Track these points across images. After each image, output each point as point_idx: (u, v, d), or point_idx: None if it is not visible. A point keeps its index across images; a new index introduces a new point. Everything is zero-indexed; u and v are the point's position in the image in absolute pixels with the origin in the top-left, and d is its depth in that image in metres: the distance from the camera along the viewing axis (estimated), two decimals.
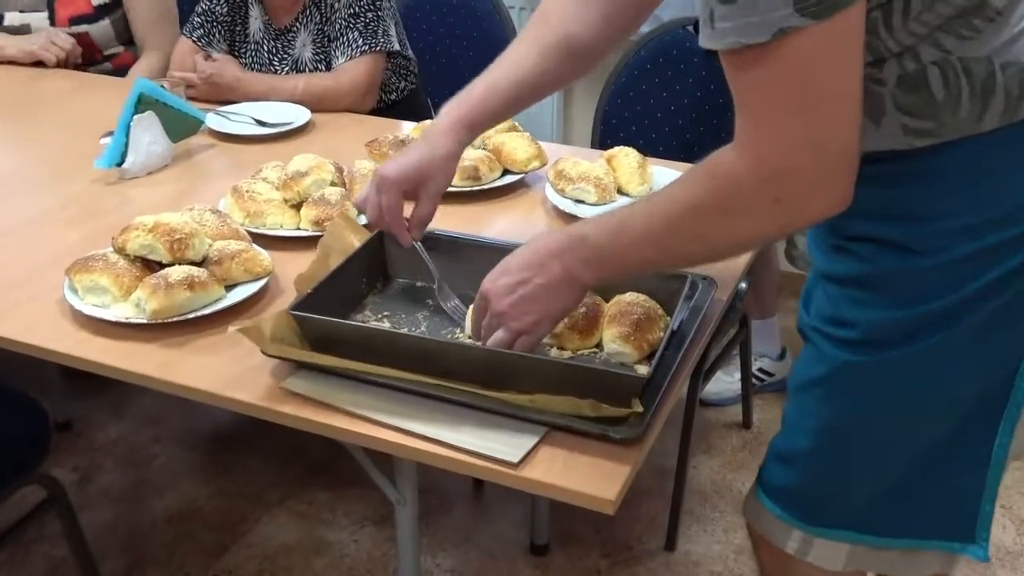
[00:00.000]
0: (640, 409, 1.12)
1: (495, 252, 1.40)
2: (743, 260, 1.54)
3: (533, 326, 1.16)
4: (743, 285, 1.82)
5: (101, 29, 2.65)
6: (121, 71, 2.66)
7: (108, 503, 2.29)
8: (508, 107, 1.40)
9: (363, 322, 1.35)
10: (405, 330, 1.33)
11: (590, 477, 1.07)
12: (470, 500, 2.31)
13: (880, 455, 1.15)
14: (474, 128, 1.40)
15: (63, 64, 2.57)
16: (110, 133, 1.96)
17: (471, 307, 1.25)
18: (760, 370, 2.67)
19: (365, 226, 1.47)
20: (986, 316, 1.04)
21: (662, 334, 1.24)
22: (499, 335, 1.17)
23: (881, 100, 1.00)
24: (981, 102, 0.96)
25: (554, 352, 1.28)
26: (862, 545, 1.20)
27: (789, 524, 1.23)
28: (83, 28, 2.63)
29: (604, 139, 2.49)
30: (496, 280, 1.17)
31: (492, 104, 1.39)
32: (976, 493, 1.15)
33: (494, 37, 2.72)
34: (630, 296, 1.31)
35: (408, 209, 1.40)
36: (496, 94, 1.38)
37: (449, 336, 1.32)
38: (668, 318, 1.29)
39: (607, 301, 1.32)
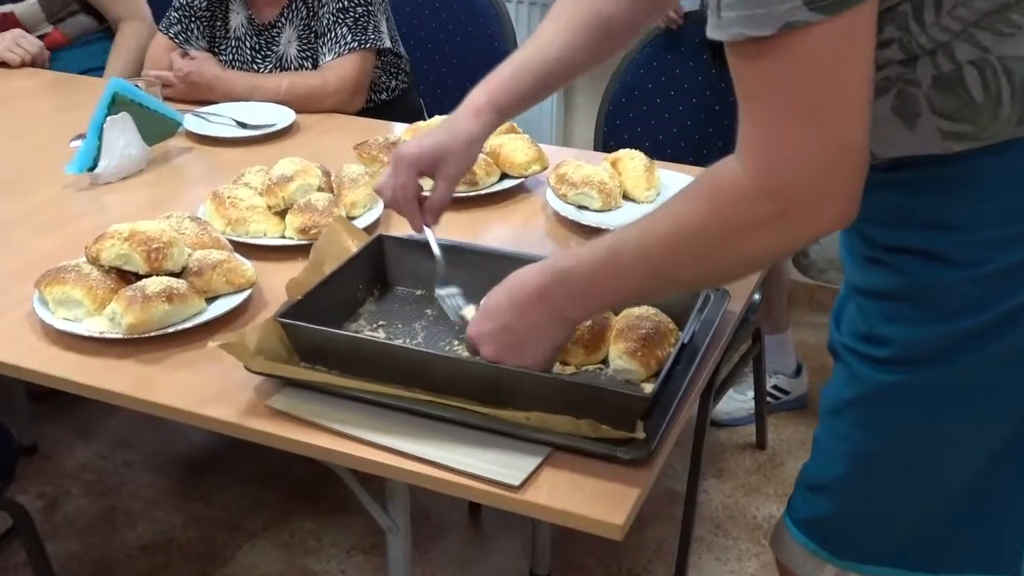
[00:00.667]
0: (642, 435, 1.12)
1: (495, 259, 1.43)
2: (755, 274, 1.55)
3: (531, 366, 1.17)
4: (757, 297, 1.83)
5: (28, 9, 2.65)
6: (54, 52, 2.66)
7: (76, 532, 2.28)
8: (538, 87, 1.40)
9: (357, 332, 1.36)
10: (400, 341, 1.34)
11: (596, 501, 1.08)
12: (466, 527, 2.31)
13: (919, 482, 1.14)
14: (502, 110, 1.39)
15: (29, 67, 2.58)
16: (81, 136, 1.97)
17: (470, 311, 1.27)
18: (775, 387, 2.68)
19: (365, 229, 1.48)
20: None
21: (672, 350, 1.25)
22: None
23: (915, 102, 1.00)
24: (1021, 105, 0.97)
25: (557, 367, 1.29)
26: None
27: (821, 558, 1.22)
28: (7, 8, 2.63)
29: (608, 141, 2.50)
30: (481, 326, 1.18)
31: (521, 84, 1.38)
32: (1021, 522, 1.14)
33: (491, 33, 2.74)
34: (640, 309, 1.32)
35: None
36: (525, 73, 1.38)
37: (447, 349, 1.33)
38: (679, 332, 1.30)
39: (616, 314, 1.32)
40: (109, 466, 2.49)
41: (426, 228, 1.40)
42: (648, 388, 1.23)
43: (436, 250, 1.39)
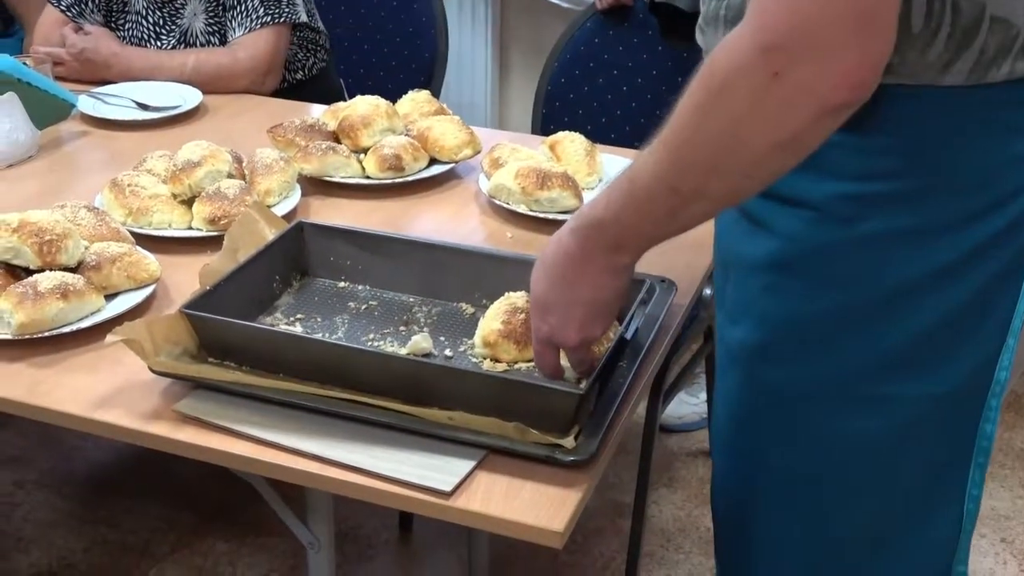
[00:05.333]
0: (571, 444, 1.14)
1: (424, 250, 1.44)
2: (706, 259, 1.58)
3: (599, 328, 1.18)
4: (708, 291, 1.86)
5: None
6: None
7: None
8: None
9: (272, 326, 1.37)
10: (319, 336, 1.35)
11: (535, 507, 1.10)
12: (395, 546, 2.32)
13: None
14: None
15: None
16: None
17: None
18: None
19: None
20: (935, 317, 1.06)
21: (607, 344, 1.27)
22: (572, 356, 1.20)
23: None
24: (954, 49, 0.99)
25: (487, 364, 1.31)
26: None
27: None
28: None
29: (546, 124, 2.52)
30: (545, 320, 1.17)
31: None
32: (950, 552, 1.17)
33: (416, 8, 2.75)
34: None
35: None
36: None
37: (370, 343, 1.34)
38: (618, 326, 1.32)
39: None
40: None
41: None
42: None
43: None
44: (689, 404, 2.67)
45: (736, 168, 0.99)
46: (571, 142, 1.85)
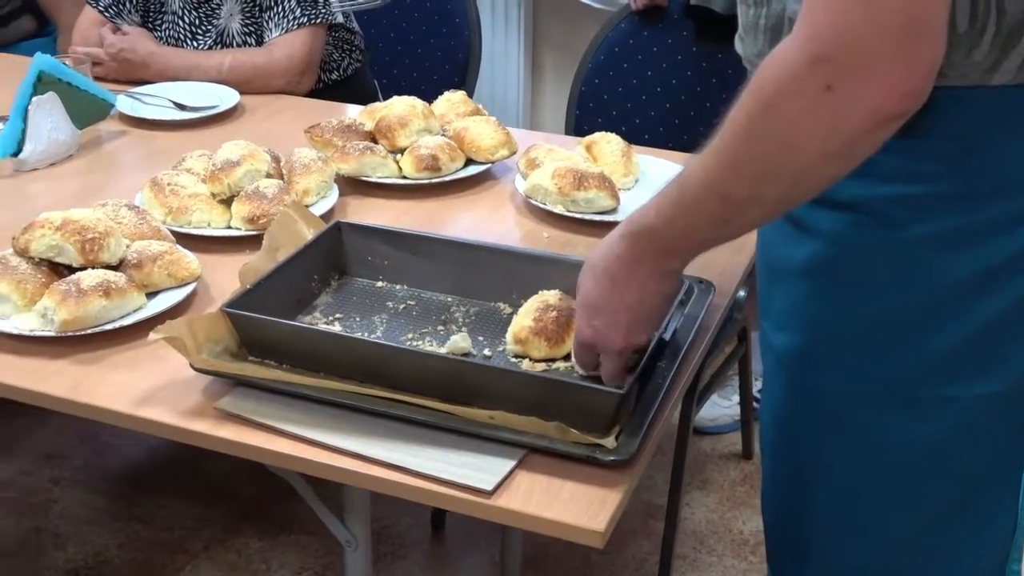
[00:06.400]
0: (612, 444, 1.14)
1: (462, 249, 1.45)
2: (744, 261, 1.58)
3: (648, 330, 1.19)
4: (742, 293, 1.86)
5: None
6: None
7: None
8: None
9: (311, 324, 1.37)
10: (358, 335, 1.36)
11: (575, 506, 1.10)
12: (428, 545, 2.33)
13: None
14: None
15: None
16: (3, 118, 1.96)
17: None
18: (762, 392, 2.71)
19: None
20: (984, 318, 1.05)
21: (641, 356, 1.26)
22: (606, 362, 1.20)
23: None
24: (1001, 49, 0.98)
25: (525, 364, 1.32)
26: None
27: None
28: None
29: (580, 125, 2.53)
30: (591, 324, 1.18)
31: None
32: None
33: (451, 8, 2.76)
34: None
35: None
36: None
37: (408, 343, 1.35)
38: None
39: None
40: (35, 483, 2.48)
41: None
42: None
43: None
44: (722, 406, 2.67)
45: (788, 176, 0.99)
46: (607, 143, 1.85)
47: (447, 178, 1.83)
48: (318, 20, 2.32)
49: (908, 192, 1.04)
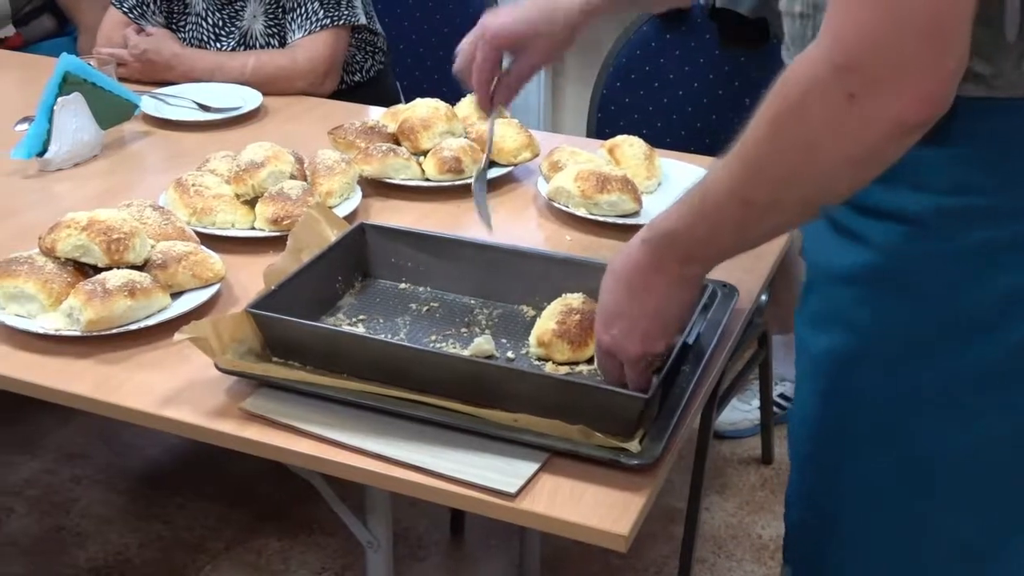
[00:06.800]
0: (637, 447, 1.14)
1: (486, 252, 1.46)
2: (766, 265, 1.57)
3: (668, 339, 1.19)
4: (764, 298, 1.86)
5: None
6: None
7: (20, 553, 2.29)
8: None
9: (335, 326, 1.38)
10: (382, 336, 1.36)
11: (599, 510, 1.10)
12: (447, 547, 2.33)
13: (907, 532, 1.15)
14: None
15: None
16: (28, 119, 1.97)
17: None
18: (781, 396, 2.71)
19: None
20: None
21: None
22: (628, 370, 1.20)
23: None
24: None
25: (548, 367, 1.32)
26: None
27: None
28: None
29: (601, 128, 2.52)
30: (610, 329, 1.17)
31: None
32: None
33: (472, 12, 2.75)
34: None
35: None
36: None
37: (431, 345, 1.35)
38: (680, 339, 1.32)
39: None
40: (56, 481, 2.49)
41: (491, 118, 1.41)
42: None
43: (489, 150, 1.41)
44: (742, 410, 2.66)
45: (811, 182, 0.99)
46: (630, 146, 1.85)
47: (470, 180, 1.83)
48: (341, 22, 2.33)
49: (960, 203, 1.03)
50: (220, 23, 2.39)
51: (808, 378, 1.21)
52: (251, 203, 1.67)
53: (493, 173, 1.86)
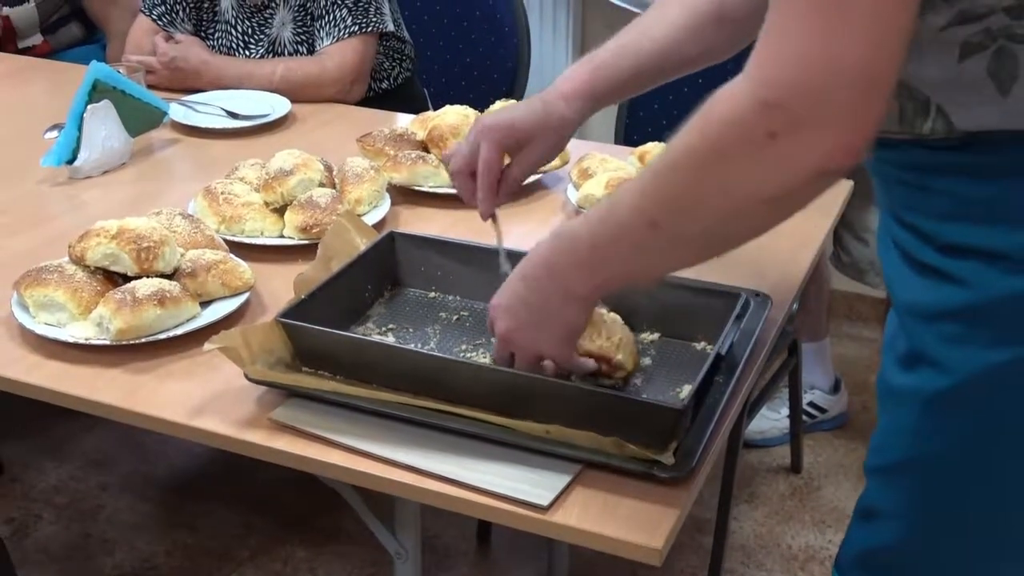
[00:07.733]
0: (670, 460, 1.13)
1: (518, 259, 1.44)
2: (799, 272, 1.56)
3: (549, 350, 1.17)
4: (794, 306, 1.84)
5: (25, 12, 2.66)
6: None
7: (48, 560, 2.29)
8: (642, 75, 1.36)
9: (364, 335, 1.37)
10: (412, 346, 1.35)
11: (632, 523, 1.09)
12: (474, 557, 2.32)
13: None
14: (597, 97, 1.38)
15: None
16: (58, 126, 1.98)
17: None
18: (811, 404, 2.69)
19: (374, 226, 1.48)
20: None
21: (604, 343, 1.24)
22: (517, 363, 1.20)
23: (1015, 62, 0.93)
24: None
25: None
26: None
27: None
28: (4, 11, 2.65)
29: (629, 134, 2.51)
30: (499, 299, 1.19)
31: (622, 70, 1.35)
32: None
33: (500, 17, 2.75)
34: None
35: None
36: (628, 58, 1.35)
37: (461, 354, 1.34)
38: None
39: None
40: (83, 489, 2.50)
41: (495, 215, 1.39)
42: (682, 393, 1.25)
43: (500, 240, 1.39)
44: (771, 419, 2.64)
45: (719, 217, 0.97)
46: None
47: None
48: (369, 29, 2.33)
49: None
50: (249, 31, 2.39)
51: (889, 410, 1.14)
52: (280, 211, 1.66)
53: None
